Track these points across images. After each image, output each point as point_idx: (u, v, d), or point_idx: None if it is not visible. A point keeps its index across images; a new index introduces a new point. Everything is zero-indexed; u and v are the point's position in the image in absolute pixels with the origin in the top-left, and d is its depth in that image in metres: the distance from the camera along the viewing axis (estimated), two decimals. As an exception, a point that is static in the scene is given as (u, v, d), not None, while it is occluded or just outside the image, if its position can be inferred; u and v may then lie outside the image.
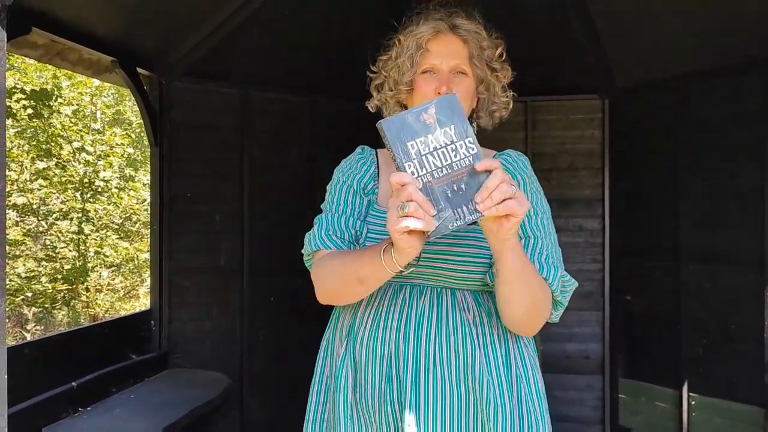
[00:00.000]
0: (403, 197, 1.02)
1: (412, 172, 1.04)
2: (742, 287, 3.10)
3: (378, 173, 1.50)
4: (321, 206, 1.53)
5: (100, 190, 8.41)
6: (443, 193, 1.05)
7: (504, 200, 1.03)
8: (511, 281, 1.23)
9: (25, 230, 8.23)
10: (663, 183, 3.50)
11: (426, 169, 1.04)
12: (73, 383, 2.65)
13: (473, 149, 1.06)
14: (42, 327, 8.36)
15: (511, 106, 1.53)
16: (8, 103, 7.14)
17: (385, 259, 1.16)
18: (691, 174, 3.34)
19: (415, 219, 1.01)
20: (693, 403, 3.30)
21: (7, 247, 7.76)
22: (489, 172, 1.05)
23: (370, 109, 1.57)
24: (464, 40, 1.44)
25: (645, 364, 3.65)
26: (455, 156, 1.06)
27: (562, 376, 4.00)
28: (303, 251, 1.49)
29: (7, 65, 7.60)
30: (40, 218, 8.27)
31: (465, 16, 1.46)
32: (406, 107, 1.50)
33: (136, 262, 9.11)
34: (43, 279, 7.86)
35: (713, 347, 3.23)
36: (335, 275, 1.34)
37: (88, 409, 2.68)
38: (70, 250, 8.30)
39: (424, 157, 1.04)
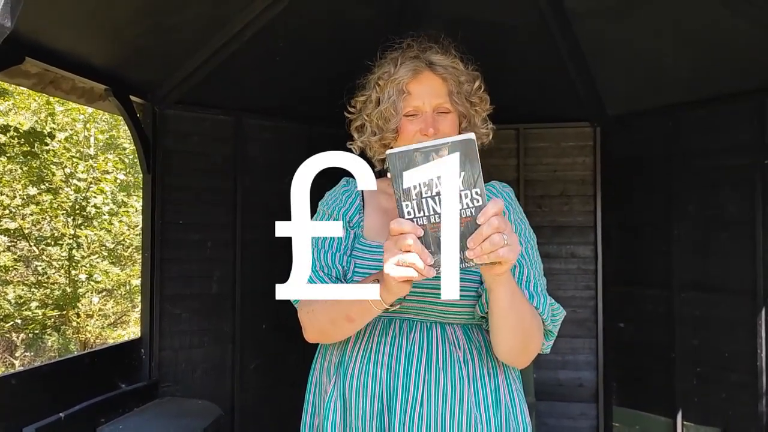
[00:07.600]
0: (402, 247, 1.00)
1: (409, 212, 1.00)
2: (734, 316, 3.10)
3: (363, 205, 1.49)
4: None
5: (91, 216, 8.37)
6: (436, 239, 1.00)
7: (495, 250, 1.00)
8: (502, 312, 1.22)
9: (16, 255, 8.18)
10: (655, 211, 3.52)
11: (423, 212, 1.00)
12: (61, 414, 2.60)
13: (478, 201, 0.99)
14: (32, 353, 8.27)
15: (491, 135, 1.52)
16: (2, 140, 7.08)
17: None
18: (683, 202, 3.36)
19: (414, 269, 1.00)
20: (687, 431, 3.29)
21: (-1, 274, 7.73)
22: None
23: (353, 151, 1.53)
24: (443, 77, 1.43)
25: (639, 392, 3.63)
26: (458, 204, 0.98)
27: (555, 403, 3.97)
28: None
29: (2, 89, 7.51)
30: (32, 243, 8.22)
31: (440, 50, 1.45)
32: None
33: (128, 287, 9.04)
34: (33, 305, 7.78)
35: (707, 376, 3.22)
36: (324, 315, 1.33)
37: (76, 440, 2.63)
38: (60, 276, 8.24)
39: (424, 200, 0.99)
